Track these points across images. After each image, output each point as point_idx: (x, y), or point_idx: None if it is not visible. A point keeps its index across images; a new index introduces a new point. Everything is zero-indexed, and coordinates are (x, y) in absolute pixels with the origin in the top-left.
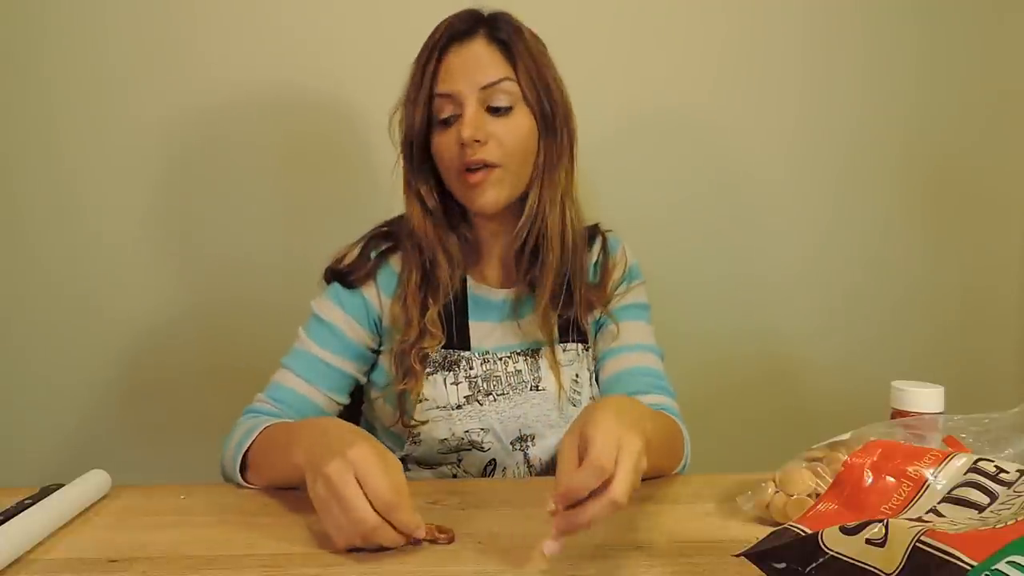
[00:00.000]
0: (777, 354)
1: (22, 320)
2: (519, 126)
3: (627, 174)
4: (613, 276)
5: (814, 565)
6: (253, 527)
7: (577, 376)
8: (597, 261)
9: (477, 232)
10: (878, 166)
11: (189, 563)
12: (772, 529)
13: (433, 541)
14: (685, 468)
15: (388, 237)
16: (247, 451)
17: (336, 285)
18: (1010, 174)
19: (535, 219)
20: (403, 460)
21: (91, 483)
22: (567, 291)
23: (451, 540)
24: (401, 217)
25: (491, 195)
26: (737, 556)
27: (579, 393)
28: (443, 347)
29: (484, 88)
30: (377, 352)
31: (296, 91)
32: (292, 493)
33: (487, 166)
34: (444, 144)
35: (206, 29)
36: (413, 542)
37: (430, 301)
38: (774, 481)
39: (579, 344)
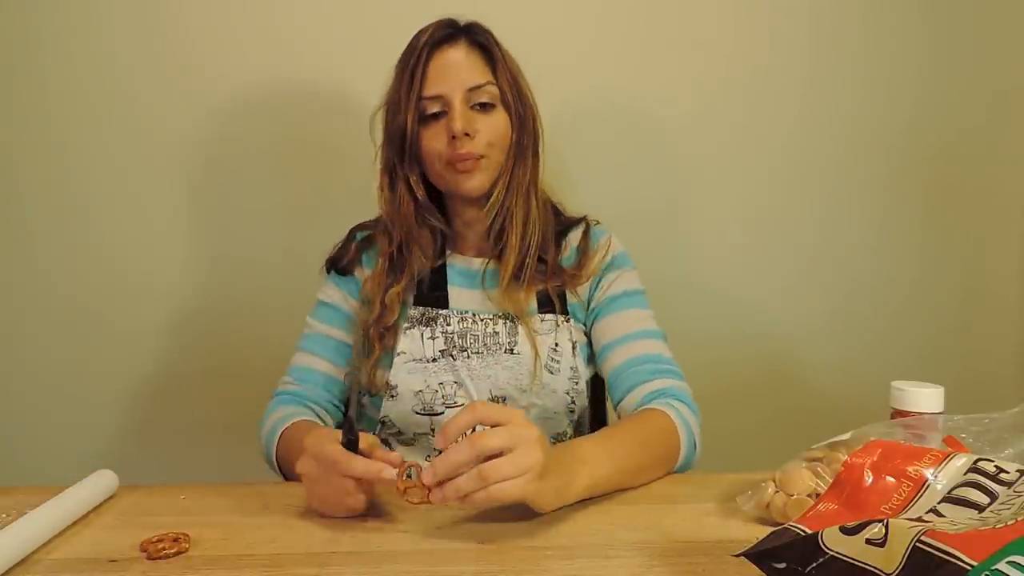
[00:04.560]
0: (777, 354)
1: (25, 320)
2: (499, 122)
3: (624, 173)
4: (594, 259)
5: (814, 565)
6: (252, 527)
7: (557, 345)
8: (579, 246)
9: (454, 220)
10: (877, 165)
11: (189, 563)
12: (772, 529)
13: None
14: (691, 460)
15: (368, 226)
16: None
17: (332, 272)
18: (1010, 173)
19: (501, 204)
20: (383, 435)
21: (99, 483)
22: (541, 269)
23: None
24: (378, 219)
25: (477, 180)
26: (737, 556)
27: (557, 362)
28: (421, 305)
29: (470, 89)
30: None
31: (298, 91)
32: (291, 493)
33: (474, 157)
34: (432, 137)
35: (209, 29)
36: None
37: (391, 282)
38: (774, 481)
39: (558, 315)
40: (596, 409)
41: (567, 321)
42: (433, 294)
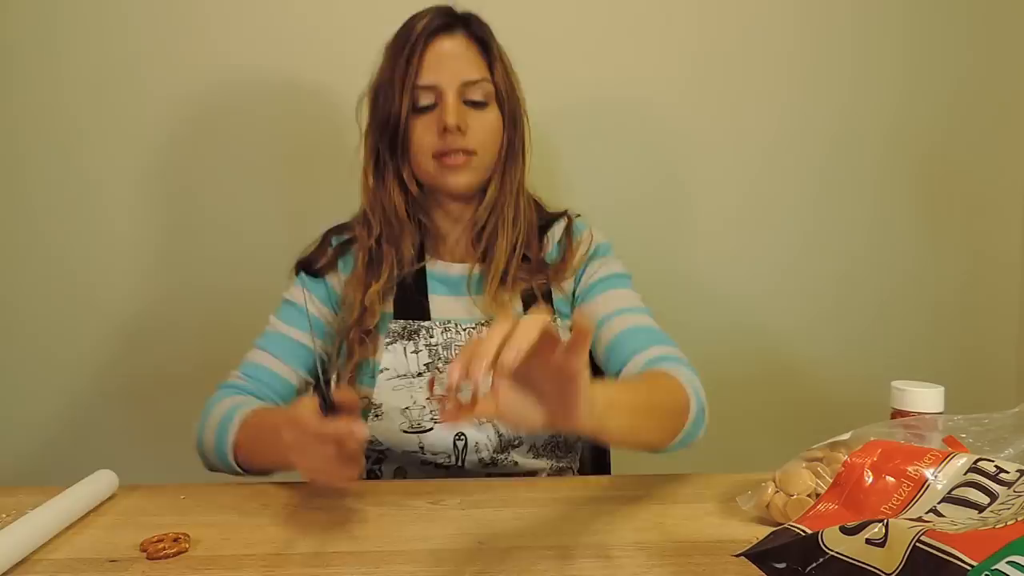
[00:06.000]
0: (777, 353)
1: (23, 319)
2: (491, 120)
3: (614, 168)
4: (577, 252)
5: (814, 565)
6: (252, 527)
7: None
8: (561, 241)
9: (438, 218)
10: (870, 161)
11: (189, 563)
12: (772, 529)
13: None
14: (700, 422)
15: (344, 230)
16: (235, 438)
17: (302, 273)
18: (1007, 168)
19: (494, 205)
20: (372, 460)
21: (99, 483)
22: (526, 267)
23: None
24: (352, 220)
25: (465, 178)
26: (737, 556)
27: None
28: (402, 318)
29: (465, 83)
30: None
31: (298, 88)
32: (291, 493)
33: (465, 152)
34: (422, 129)
35: (212, 25)
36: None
37: (370, 280)
38: (774, 481)
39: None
40: None
41: (553, 320)
42: (413, 305)
